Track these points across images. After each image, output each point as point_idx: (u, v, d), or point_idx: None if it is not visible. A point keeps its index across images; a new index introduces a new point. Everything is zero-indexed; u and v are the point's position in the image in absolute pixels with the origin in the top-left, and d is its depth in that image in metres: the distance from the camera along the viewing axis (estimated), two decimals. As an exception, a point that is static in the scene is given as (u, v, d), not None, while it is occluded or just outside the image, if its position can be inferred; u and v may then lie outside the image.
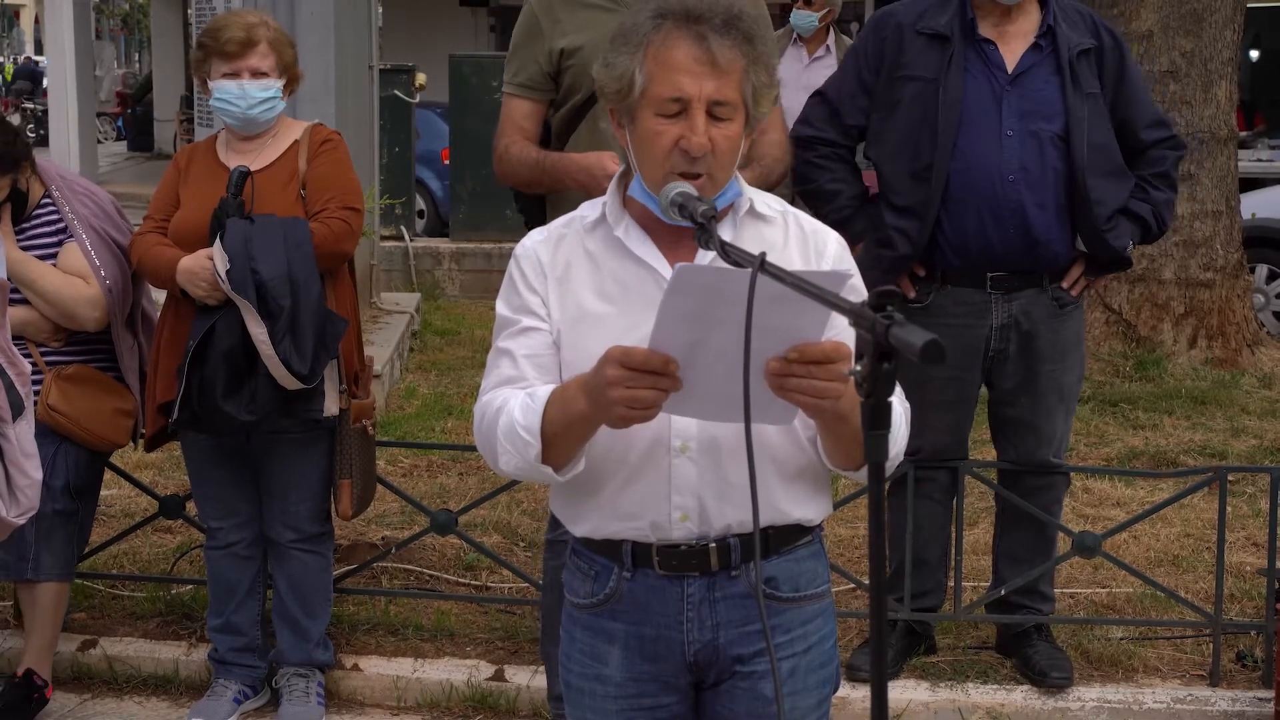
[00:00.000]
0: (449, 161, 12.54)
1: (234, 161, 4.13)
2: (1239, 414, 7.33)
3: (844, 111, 4.26)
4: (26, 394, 3.09)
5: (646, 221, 2.34)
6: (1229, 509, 4.59)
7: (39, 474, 3.14)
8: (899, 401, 2.29)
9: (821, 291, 1.92)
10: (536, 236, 2.42)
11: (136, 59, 45.12)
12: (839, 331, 2.20)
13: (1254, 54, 18.10)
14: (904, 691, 4.31)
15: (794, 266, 2.28)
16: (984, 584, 4.73)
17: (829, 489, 2.45)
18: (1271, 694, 4.23)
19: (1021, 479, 4.39)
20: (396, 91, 11.86)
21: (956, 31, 4.13)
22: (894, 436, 2.23)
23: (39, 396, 4.06)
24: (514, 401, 2.29)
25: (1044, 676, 4.33)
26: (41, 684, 4.26)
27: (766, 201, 2.41)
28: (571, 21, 3.77)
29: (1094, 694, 4.34)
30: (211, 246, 3.96)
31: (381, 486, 4.67)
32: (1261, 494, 5.76)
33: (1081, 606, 4.94)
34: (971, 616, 4.61)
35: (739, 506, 2.29)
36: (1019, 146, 4.09)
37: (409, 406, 7.44)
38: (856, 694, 4.25)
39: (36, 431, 3.27)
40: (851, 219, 4.19)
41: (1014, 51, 4.14)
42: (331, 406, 4.14)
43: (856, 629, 4.63)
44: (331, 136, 4.24)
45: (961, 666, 4.47)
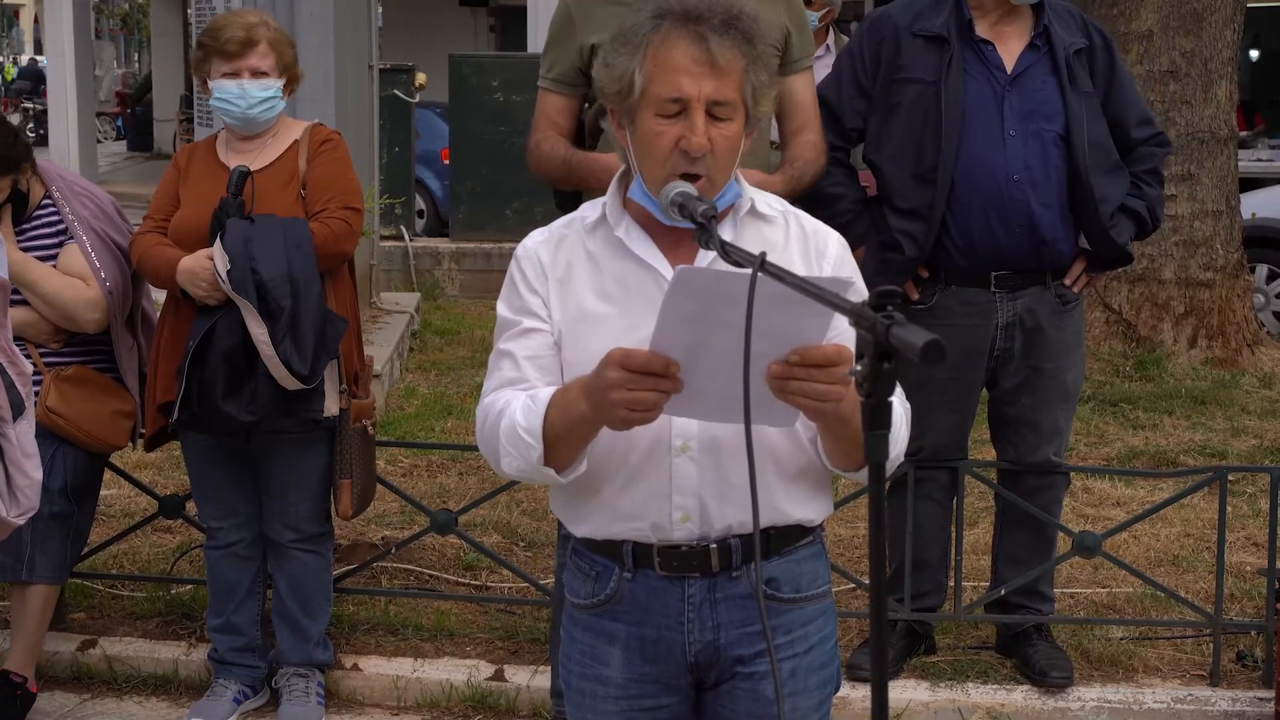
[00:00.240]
0: (449, 161, 12.54)
1: (234, 161, 4.13)
2: (1239, 414, 7.33)
3: (842, 115, 4.26)
4: (27, 394, 3.09)
5: (647, 222, 2.34)
6: (1229, 509, 4.59)
7: (39, 474, 3.13)
8: (899, 402, 2.28)
9: (822, 291, 1.92)
10: (537, 237, 2.42)
11: (136, 59, 45.13)
12: (840, 333, 2.19)
13: (1254, 54, 18.11)
14: (904, 691, 4.31)
15: (795, 266, 2.28)
16: (984, 584, 4.72)
17: (830, 489, 2.45)
18: (1272, 694, 4.23)
19: (1022, 479, 4.39)
20: (396, 91, 11.85)
21: (954, 32, 4.13)
22: (894, 437, 2.23)
23: (37, 398, 4.05)
24: (516, 403, 2.28)
25: (1044, 676, 4.33)
26: (20, 680, 4.24)
27: (767, 201, 2.41)
28: (602, 17, 3.71)
29: (1094, 694, 4.34)
30: (212, 246, 3.96)
31: (381, 486, 4.67)
32: (1261, 494, 5.76)
33: (1081, 606, 4.94)
34: (971, 617, 4.61)
35: (740, 507, 2.28)
36: (1022, 147, 4.09)
37: (409, 406, 7.44)
38: (856, 694, 4.25)
39: (35, 433, 3.27)
40: (853, 223, 4.19)
41: (1011, 52, 4.15)
42: (331, 406, 4.14)
43: (857, 629, 4.63)
44: (331, 136, 4.24)
45: (961, 666, 4.47)
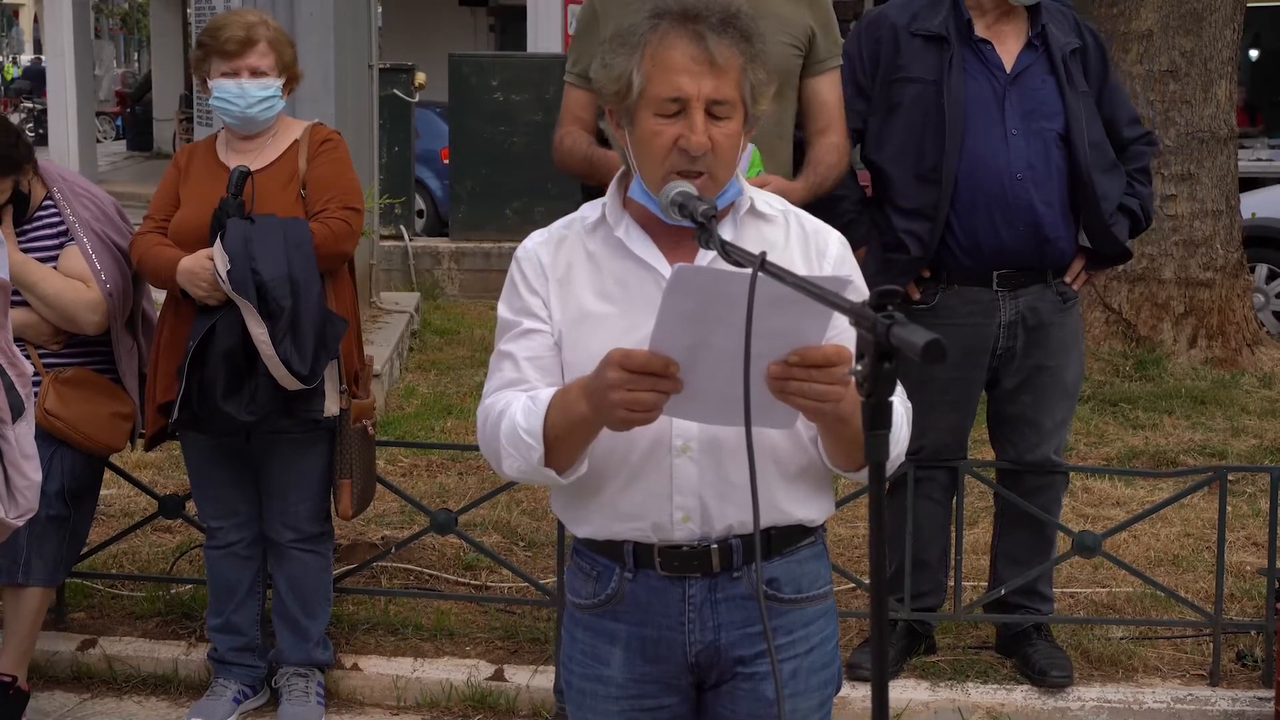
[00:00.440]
0: (448, 161, 12.54)
1: (234, 161, 4.13)
2: (1239, 414, 7.33)
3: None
4: (27, 395, 3.08)
5: (647, 222, 2.34)
6: (1229, 509, 4.59)
7: (38, 475, 3.13)
8: (900, 401, 2.28)
9: (822, 291, 1.91)
10: (537, 238, 2.42)
11: (135, 58, 45.11)
12: (840, 332, 2.19)
13: (1254, 53, 18.12)
14: (904, 691, 4.31)
15: (795, 266, 2.28)
16: (984, 584, 4.72)
17: (831, 489, 2.44)
18: (1272, 694, 4.23)
19: (1021, 478, 4.39)
20: (396, 91, 11.85)
21: (953, 32, 4.13)
22: (895, 437, 2.23)
23: (36, 400, 4.04)
24: (516, 405, 2.28)
25: (1044, 676, 4.33)
26: (10, 680, 4.22)
27: (768, 200, 2.41)
28: (625, 13, 3.73)
29: (1094, 694, 4.34)
30: (212, 246, 3.96)
31: (381, 486, 4.66)
32: (1261, 494, 5.76)
33: (1081, 606, 4.94)
34: (971, 616, 4.61)
35: (741, 507, 2.28)
36: (1024, 145, 4.10)
37: (408, 406, 7.44)
38: (857, 693, 4.25)
39: (34, 435, 3.26)
40: (854, 223, 4.19)
41: (1010, 51, 4.16)
42: (331, 406, 4.13)
43: (857, 628, 4.63)
44: (331, 136, 4.24)
45: (961, 666, 4.47)
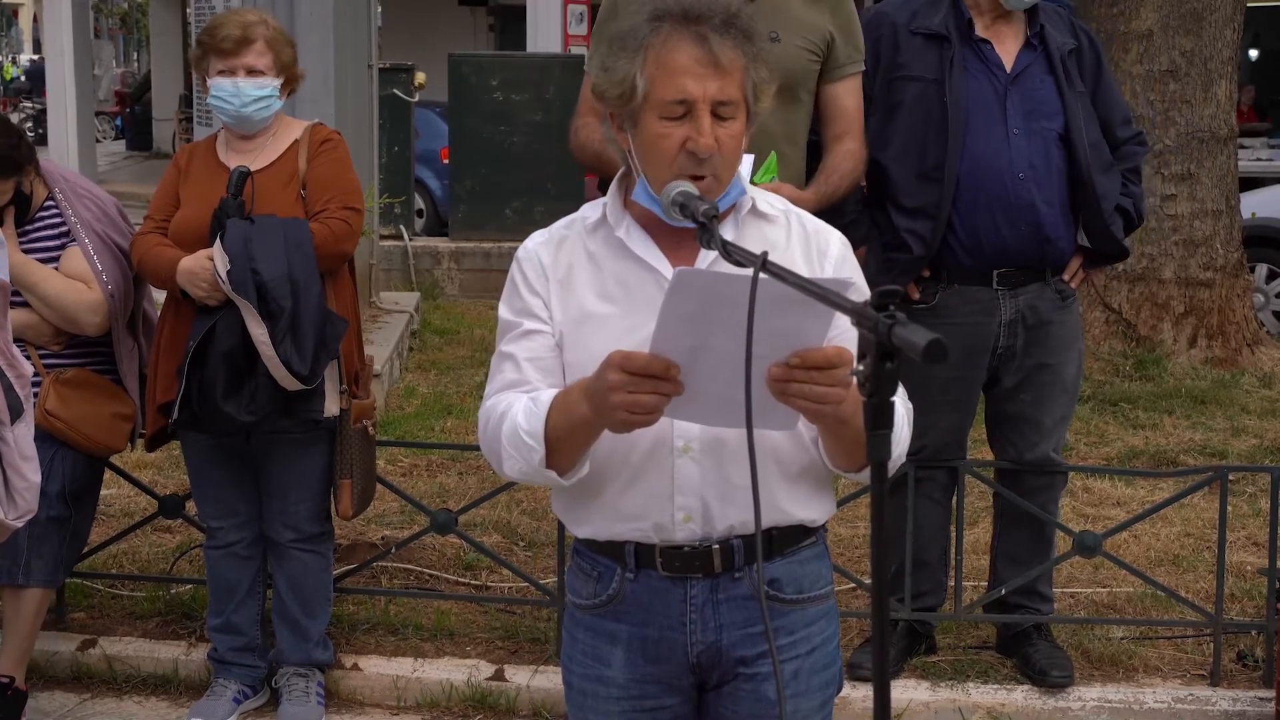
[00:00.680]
0: (448, 161, 12.54)
1: (234, 161, 4.12)
2: (1239, 413, 7.32)
3: None
4: (26, 396, 3.08)
5: (648, 222, 2.33)
6: (1229, 509, 4.59)
7: (37, 477, 3.13)
8: (901, 402, 2.28)
9: (824, 291, 1.91)
10: (538, 239, 2.42)
11: (135, 58, 45.09)
12: (842, 333, 2.19)
13: (1254, 53, 18.13)
14: (904, 691, 4.31)
15: (797, 266, 2.28)
16: (984, 584, 4.71)
17: (832, 489, 2.44)
18: (1272, 694, 4.23)
19: (1021, 478, 4.39)
20: (396, 91, 11.85)
21: (953, 31, 4.13)
22: (896, 437, 2.23)
23: (36, 401, 4.04)
24: (517, 406, 2.28)
25: (1044, 676, 4.33)
26: (8, 680, 4.22)
27: (769, 200, 2.41)
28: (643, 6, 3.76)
29: (1094, 694, 4.33)
30: (211, 247, 3.95)
31: (381, 486, 4.66)
32: (1262, 493, 5.76)
33: (1082, 606, 4.94)
34: (972, 616, 4.61)
35: (742, 507, 2.27)
36: (1026, 145, 4.11)
37: (408, 406, 7.44)
38: (857, 694, 4.25)
39: (34, 436, 3.26)
40: (855, 223, 4.19)
41: (1009, 51, 4.17)
42: (332, 407, 4.13)
43: (857, 628, 4.63)
44: (331, 136, 4.23)
45: (962, 666, 4.47)
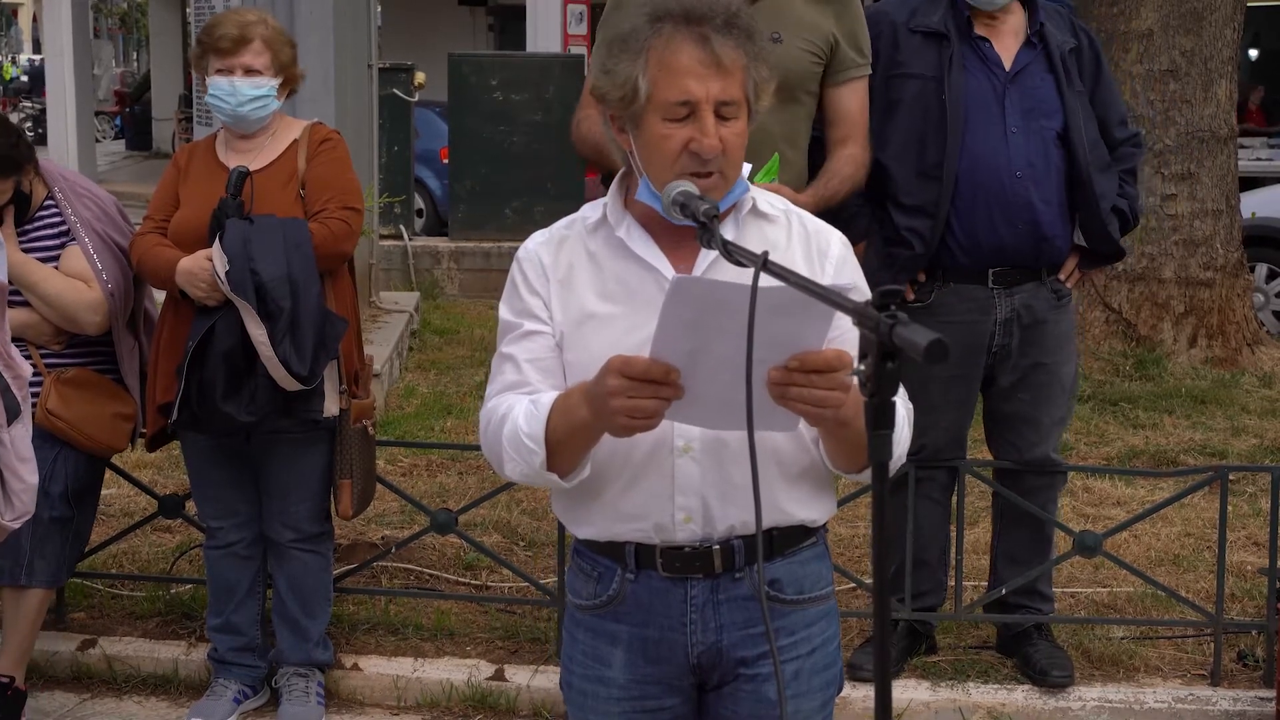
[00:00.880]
0: (448, 160, 12.54)
1: (233, 161, 4.12)
2: (1239, 413, 7.32)
3: None
4: (24, 397, 3.08)
5: (649, 222, 2.33)
6: (1229, 508, 4.58)
7: (35, 478, 3.13)
8: (902, 402, 2.28)
9: (824, 291, 1.91)
10: (539, 239, 2.42)
11: (135, 58, 45.08)
12: (843, 333, 2.19)
13: (1253, 53, 18.14)
14: (905, 691, 4.30)
15: (797, 266, 2.27)
16: (984, 584, 4.71)
17: (833, 490, 2.44)
18: (1273, 693, 4.22)
19: (1021, 478, 4.38)
20: (395, 90, 11.85)
21: (952, 29, 4.13)
22: (897, 437, 2.22)
23: (37, 400, 4.04)
24: (518, 409, 2.28)
25: (1045, 676, 4.33)
26: (8, 680, 4.22)
27: (770, 200, 2.40)
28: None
29: (1095, 693, 4.33)
30: (211, 247, 3.95)
31: (381, 486, 4.66)
32: (1262, 493, 5.75)
33: (1082, 606, 4.93)
34: (972, 616, 4.60)
35: (742, 507, 2.27)
36: (1024, 144, 4.11)
37: (408, 406, 7.43)
38: (857, 694, 4.25)
39: (35, 436, 3.26)
40: (855, 218, 4.19)
41: (1008, 49, 4.16)
42: (331, 407, 4.13)
43: (858, 628, 4.63)
44: (330, 136, 4.23)
45: (962, 666, 4.47)
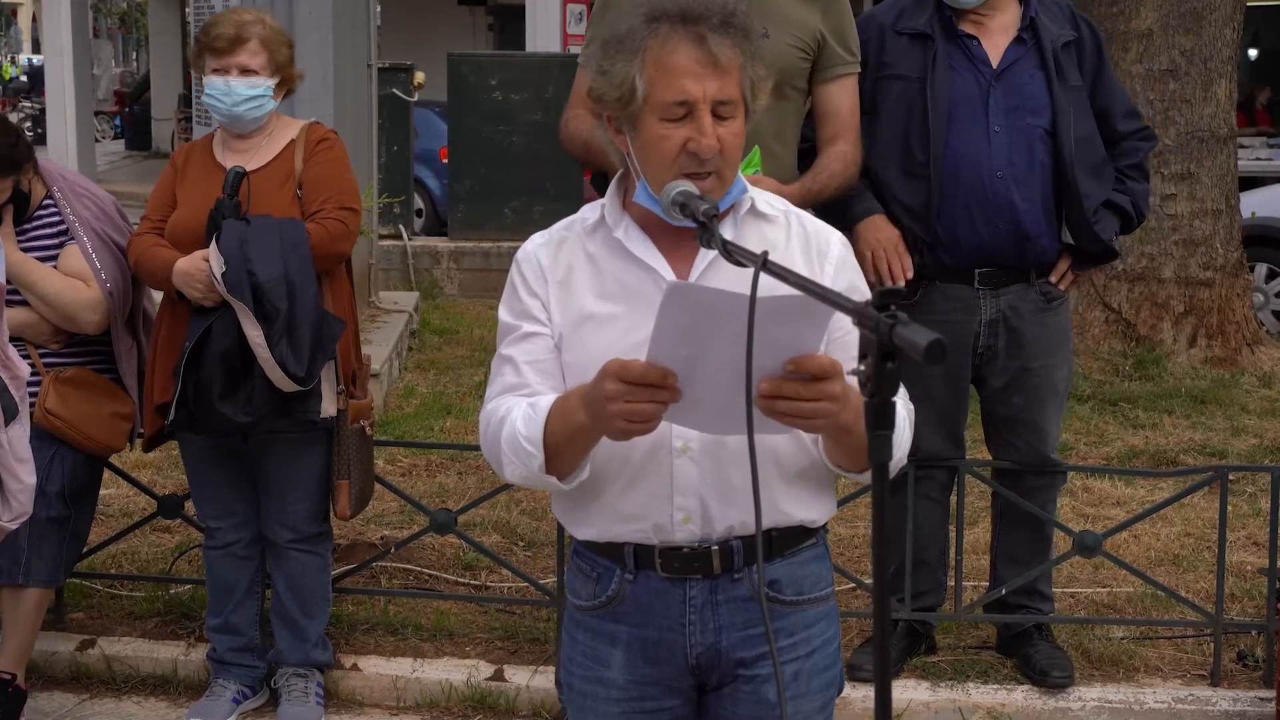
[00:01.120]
0: (447, 160, 12.53)
1: (230, 161, 4.11)
2: (1239, 413, 7.32)
3: None
4: (21, 398, 3.08)
5: (647, 223, 2.33)
6: (1229, 508, 4.58)
7: (32, 479, 3.13)
8: (903, 403, 2.27)
9: (824, 290, 1.91)
10: (537, 240, 2.41)
11: (134, 57, 45.08)
12: (844, 333, 2.18)
13: (1253, 53, 18.15)
14: (904, 691, 4.30)
15: (796, 266, 2.27)
16: (984, 584, 4.71)
17: (833, 490, 2.44)
18: (1273, 694, 4.22)
19: (1021, 478, 4.38)
20: (395, 90, 11.84)
21: (937, 29, 4.12)
22: (898, 438, 2.21)
23: (35, 400, 4.03)
24: (517, 411, 2.28)
25: (1045, 676, 4.32)
26: (9, 678, 4.21)
27: (769, 200, 2.40)
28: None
29: (1095, 694, 4.33)
30: (207, 247, 3.95)
31: (380, 486, 4.65)
32: (1262, 493, 5.75)
33: (1082, 606, 4.93)
34: (972, 617, 4.60)
35: (741, 508, 2.27)
36: (1006, 142, 4.08)
37: (408, 406, 7.43)
38: (857, 694, 4.24)
39: (33, 435, 3.25)
40: (851, 201, 4.16)
41: (997, 46, 4.14)
42: (329, 407, 4.12)
43: (857, 629, 4.62)
44: (328, 135, 4.22)
45: (962, 666, 4.46)
